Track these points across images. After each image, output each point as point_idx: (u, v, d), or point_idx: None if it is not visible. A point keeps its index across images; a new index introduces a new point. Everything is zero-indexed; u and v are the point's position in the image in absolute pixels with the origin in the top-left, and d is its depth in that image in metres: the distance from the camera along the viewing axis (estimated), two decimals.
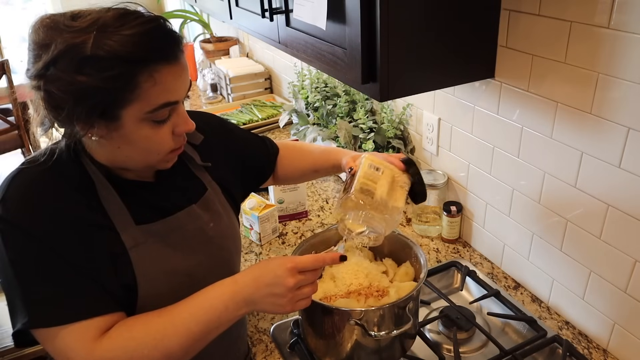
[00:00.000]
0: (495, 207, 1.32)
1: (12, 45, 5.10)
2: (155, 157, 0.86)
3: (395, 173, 0.98)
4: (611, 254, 1.03)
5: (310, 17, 1.09)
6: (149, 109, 0.78)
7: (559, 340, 1.10)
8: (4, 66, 3.20)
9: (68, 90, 0.74)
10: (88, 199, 0.84)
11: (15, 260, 0.78)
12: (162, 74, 0.77)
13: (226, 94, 2.74)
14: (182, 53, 0.81)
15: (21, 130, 3.44)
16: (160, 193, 0.94)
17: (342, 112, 1.79)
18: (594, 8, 0.93)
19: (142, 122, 0.79)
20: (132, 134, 0.80)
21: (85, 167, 0.86)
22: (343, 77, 1.07)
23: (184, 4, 3.47)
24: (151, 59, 0.76)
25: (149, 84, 0.76)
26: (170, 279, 0.90)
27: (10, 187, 0.81)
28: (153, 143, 0.83)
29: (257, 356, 1.13)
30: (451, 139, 1.42)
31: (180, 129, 0.85)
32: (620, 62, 0.91)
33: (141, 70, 0.75)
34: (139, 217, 0.88)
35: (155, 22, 0.78)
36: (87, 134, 0.80)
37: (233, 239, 1.04)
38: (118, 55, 0.73)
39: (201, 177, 1.00)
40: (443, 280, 1.35)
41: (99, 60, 0.73)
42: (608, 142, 0.98)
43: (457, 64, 1.09)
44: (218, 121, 1.14)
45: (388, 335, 0.94)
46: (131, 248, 0.86)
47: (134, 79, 0.75)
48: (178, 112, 0.84)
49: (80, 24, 0.75)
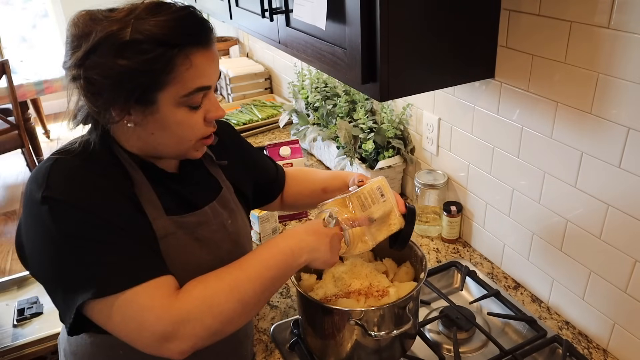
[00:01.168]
0: (495, 207, 1.32)
1: (12, 45, 5.10)
2: (187, 144, 0.88)
3: (394, 209, 0.99)
4: (611, 254, 1.03)
5: (310, 17, 1.09)
6: (185, 93, 0.81)
7: (559, 340, 1.10)
8: (4, 66, 3.20)
9: (108, 75, 0.77)
10: (124, 187, 0.85)
11: (69, 234, 0.77)
12: (198, 57, 0.80)
13: (226, 94, 2.74)
14: (214, 41, 0.85)
15: (21, 130, 3.44)
16: (186, 186, 0.96)
17: (342, 112, 1.79)
18: (594, 8, 0.93)
19: (177, 106, 0.82)
20: (167, 118, 0.82)
21: (118, 156, 0.87)
22: (343, 77, 1.07)
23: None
24: (187, 42, 0.79)
25: (185, 67, 0.79)
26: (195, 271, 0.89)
27: (52, 172, 0.81)
28: (186, 128, 0.85)
29: (257, 356, 1.13)
30: (451, 139, 1.42)
31: (212, 114, 0.87)
32: (620, 62, 0.91)
33: (178, 53, 0.78)
34: (170, 207, 0.90)
35: (188, 10, 0.83)
36: (123, 119, 0.82)
37: (247, 237, 1.06)
38: (156, 39, 0.77)
39: (216, 175, 1.02)
40: (443, 280, 1.35)
41: (138, 44, 0.76)
42: (608, 142, 0.98)
43: (457, 64, 1.09)
44: (232, 129, 1.16)
45: (388, 335, 0.94)
46: (162, 238, 0.87)
47: (172, 61, 0.78)
48: (210, 98, 0.86)
49: (117, 14, 0.79)
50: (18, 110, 3.38)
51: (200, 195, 0.96)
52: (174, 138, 0.86)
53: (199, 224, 0.93)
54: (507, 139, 1.22)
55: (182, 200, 0.93)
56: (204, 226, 0.93)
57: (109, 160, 0.86)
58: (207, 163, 1.01)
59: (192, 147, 0.89)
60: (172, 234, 0.88)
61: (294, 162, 1.54)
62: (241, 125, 2.30)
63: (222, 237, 0.96)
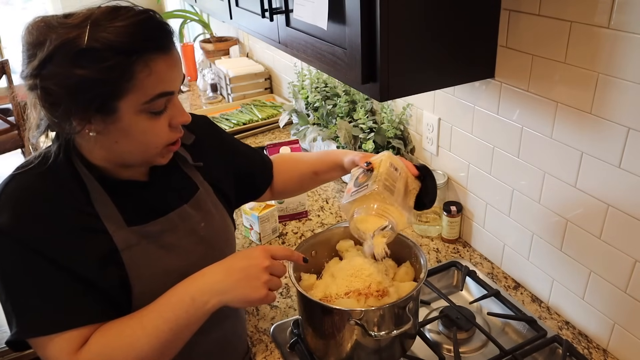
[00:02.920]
0: (495, 207, 1.32)
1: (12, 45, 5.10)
2: (153, 151, 0.86)
3: (409, 176, 1.01)
4: (611, 254, 1.03)
5: (310, 17, 1.09)
6: (146, 99, 0.78)
7: (559, 340, 1.10)
8: (4, 66, 3.20)
9: (65, 85, 0.75)
10: (80, 202, 0.84)
11: (3, 269, 0.80)
12: (157, 64, 0.78)
13: (226, 94, 2.74)
14: (174, 44, 0.83)
15: (21, 130, 3.44)
16: (154, 192, 0.94)
17: (342, 112, 1.79)
18: (594, 8, 0.93)
19: (139, 113, 0.80)
20: (129, 126, 0.80)
21: (77, 169, 0.85)
22: (343, 77, 1.07)
23: (184, 4, 3.47)
24: (146, 49, 0.77)
25: (145, 74, 0.77)
26: (165, 279, 0.89)
27: (2, 195, 0.82)
28: (150, 135, 0.83)
29: (257, 356, 1.13)
30: (451, 139, 1.42)
31: (177, 120, 0.85)
32: (620, 62, 0.91)
33: (137, 60, 0.76)
34: (132, 218, 0.88)
35: (147, 14, 0.80)
36: (84, 129, 0.79)
37: (225, 238, 1.04)
38: (113, 46, 0.74)
39: (193, 176, 1.00)
40: (443, 280, 1.35)
41: (95, 52, 0.74)
42: (608, 142, 0.98)
43: (457, 64, 1.09)
44: (209, 123, 1.13)
45: (388, 335, 0.94)
46: (123, 250, 0.85)
47: (130, 68, 0.75)
48: (174, 103, 0.84)
49: (73, 20, 0.76)
50: (18, 110, 3.37)
51: (169, 200, 0.94)
52: (138, 146, 0.84)
53: (163, 232, 0.91)
54: (507, 139, 1.22)
55: (146, 208, 0.91)
56: (169, 233, 0.92)
57: (68, 174, 0.85)
58: (183, 165, 1.00)
59: (158, 154, 0.87)
60: (136, 244, 0.87)
61: None
62: (241, 125, 2.30)
63: (192, 242, 0.95)
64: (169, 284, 0.89)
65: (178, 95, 0.86)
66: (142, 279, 0.87)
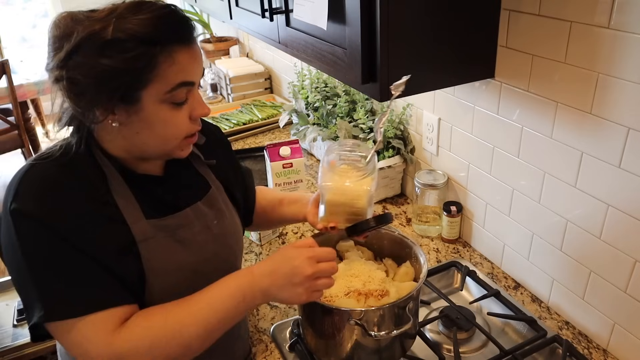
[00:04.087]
0: (495, 207, 1.32)
1: (12, 45, 5.10)
2: (173, 142, 0.87)
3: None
4: (611, 254, 1.03)
5: (310, 17, 1.09)
6: (168, 89, 0.81)
7: (559, 340, 1.10)
8: (4, 66, 3.20)
9: (91, 75, 0.77)
10: (100, 192, 0.85)
11: (29, 252, 0.79)
12: (180, 54, 0.81)
13: (226, 94, 2.73)
14: (196, 38, 0.85)
15: (21, 130, 3.44)
16: (169, 188, 0.95)
17: (342, 112, 1.79)
18: (594, 8, 0.93)
19: (161, 103, 0.82)
20: (151, 116, 0.82)
21: (97, 160, 0.87)
22: (343, 77, 1.07)
23: (184, 4, 3.47)
24: (169, 40, 0.79)
25: (167, 64, 0.79)
26: (177, 274, 0.91)
27: (23, 181, 0.82)
28: (171, 126, 0.85)
29: (257, 356, 1.13)
30: (451, 139, 1.42)
31: (197, 112, 0.87)
32: (620, 62, 0.91)
33: (160, 51, 0.78)
34: (149, 211, 0.89)
35: (170, 8, 0.83)
36: (107, 119, 0.82)
37: (235, 237, 1.04)
38: (138, 37, 0.77)
39: (205, 175, 1.02)
40: (443, 280, 1.35)
41: (120, 43, 0.76)
42: (608, 142, 0.98)
43: (457, 64, 1.09)
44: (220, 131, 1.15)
45: (388, 335, 0.94)
46: (140, 242, 0.87)
47: (154, 59, 0.78)
48: (194, 95, 0.86)
49: (98, 14, 0.79)
50: (18, 110, 3.37)
51: (184, 196, 0.96)
52: (159, 137, 0.85)
53: (179, 226, 0.92)
54: (507, 139, 1.22)
55: (162, 202, 0.92)
56: (185, 228, 0.93)
57: (88, 165, 0.86)
58: (196, 163, 1.01)
59: (178, 147, 0.89)
60: (152, 237, 0.88)
61: (293, 162, 1.54)
62: (241, 125, 2.30)
63: (206, 239, 0.96)
64: (182, 278, 0.91)
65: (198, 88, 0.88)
66: (156, 271, 0.88)
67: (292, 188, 1.57)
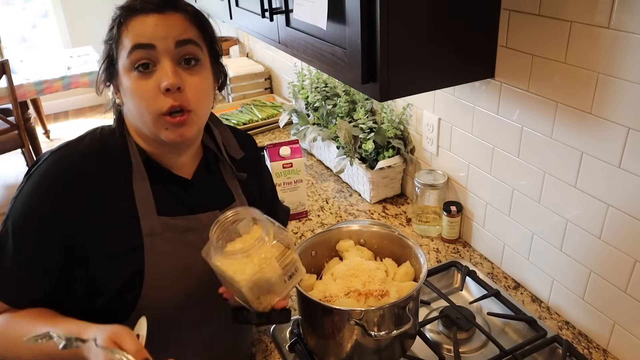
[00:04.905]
0: (495, 207, 1.32)
1: (12, 45, 5.10)
2: (147, 117, 0.86)
3: None
4: (611, 254, 1.03)
5: (310, 17, 1.09)
6: (127, 54, 0.85)
7: (559, 340, 1.10)
8: (4, 66, 3.19)
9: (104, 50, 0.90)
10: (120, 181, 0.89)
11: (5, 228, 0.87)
12: (135, 21, 0.85)
13: (226, 94, 2.73)
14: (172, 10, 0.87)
15: (21, 130, 3.44)
16: (191, 192, 0.96)
17: (342, 112, 1.79)
18: (594, 8, 0.93)
19: (129, 72, 0.85)
20: (126, 87, 0.87)
21: (130, 150, 0.91)
22: (343, 77, 1.07)
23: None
24: (126, 12, 0.86)
25: (124, 33, 0.85)
26: (178, 274, 0.91)
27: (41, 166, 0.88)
28: (139, 97, 0.86)
29: (257, 356, 1.13)
30: (451, 139, 1.42)
31: (164, 83, 0.84)
32: (620, 62, 0.91)
33: (119, 24, 0.86)
34: (164, 208, 0.91)
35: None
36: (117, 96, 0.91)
37: None
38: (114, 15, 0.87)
39: (232, 188, 1.03)
40: (443, 280, 1.35)
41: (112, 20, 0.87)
42: (608, 142, 0.98)
43: (457, 64, 1.09)
44: (255, 146, 1.17)
45: (388, 335, 0.94)
46: (147, 235, 0.89)
47: (116, 32, 0.86)
48: (162, 65, 0.85)
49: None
50: (18, 110, 3.37)
51: (203, 203, 0.97)
52: (135, 111, 0.88)
53: (188, 229, 0.93)
54: (507, 139, 1.22)
55: (179, 204, 0.94)
56: (194, 232, 0.93)
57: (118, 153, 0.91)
58: (225, 174, 1.02)
59: (157, 124, 0.86)
60: (159, 233, 0.90)
61: (293, 162, 1.54)
62: (241, 125, 2.30)
63: None
64: (182, 280, 0.92)
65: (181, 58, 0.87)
66: (156, 267, 0.89)
67: (292, 188, 1.57)
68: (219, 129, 1.06)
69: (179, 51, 0.85)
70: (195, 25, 0.89)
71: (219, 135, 1.05)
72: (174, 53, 0.85)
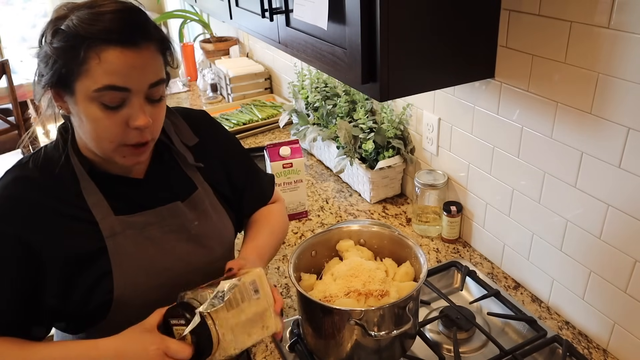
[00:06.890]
0: (495, 207, 1.32)
1: (12, 45, 5.09)
2: (107, 146, 0.86)
3: (269, 309, 0.91)
4: (611, 254, 1.03)
5: (310, 17, 1.09)
6: (95, 88, 0.81)
7: (559, 340, 1.10)
8: (4, 66, 3.19)
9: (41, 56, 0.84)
10: (71, 193, 0.89)
11: None
12: (110, 54, 0.80)
13: (226, 94, 2.73)
14: (147, 42, 0.83)
15: (21, 130, 3.44)
16: (146, 190, 0.97)
17: (342, 112, 1.79)
18: (594, 8, 0.93)
19: (91, 101, 0.82)
20: (83, 111, 0.83)
21: (70, 160, 0.91)
22: (343, 77, 1.07)
23: (184, 4, 3.47)
24: (99, 38, 0.79)
25: (95, 62, 0.80)
26: (148, 272, 0.92)
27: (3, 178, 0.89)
28: (101, 128, 0.84)
29: (257, 356, 1.13)
30: (451, 139, 1.42)
31: (132, 122, 0.84)
32: (620, 62, 0.91)
33: (88, 46, 0.79)
34: (120, 209, 0.92)
35: (120, 6, 0.82)
36: (59, 106, 0.87)
37: (220, 239, 1.04)
38: (72, 31, 0.80)
39: (192, 176, 1.02)
40: (443, 280, 1.35)
41: (62, 33, 0.80)
42: (608, 142, 0.98)
43: (457, 64, 1.09)
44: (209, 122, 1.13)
45: (388, 335, 0.94)
46: (108, 237, 0.89)
47: (81, 53, 0.79)
48: (132, 103, 0.84)
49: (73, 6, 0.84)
50: (18, 110, 3.37)
51: (161, 196, 0.97)
52: (91, 135, 0.86)
53: (148, 224, 0.94)
54: (507, 139, 1.22)
55: (135, 202, 0.94)
56: (154, 226, 0.94)
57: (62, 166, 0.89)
58: (183, 164, 1.02)
59: (115, 151, 0.87)
60: (120, 233, 0.90)
61: (293, 162, 1.54)
62: (241, 125, 2.30)
63: (179, 238, 0.96)
64: (153, 277, 0.92)
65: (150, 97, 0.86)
66: (124, 268, 0.89)
67: (292, 188, 1.57)
68: (170, 119, 1.03)
69: (150, 92, 0.85)
70: (161, 53, 0.88)
71: (169, 125, 1.02)
72: (146, 93, 0.85)
